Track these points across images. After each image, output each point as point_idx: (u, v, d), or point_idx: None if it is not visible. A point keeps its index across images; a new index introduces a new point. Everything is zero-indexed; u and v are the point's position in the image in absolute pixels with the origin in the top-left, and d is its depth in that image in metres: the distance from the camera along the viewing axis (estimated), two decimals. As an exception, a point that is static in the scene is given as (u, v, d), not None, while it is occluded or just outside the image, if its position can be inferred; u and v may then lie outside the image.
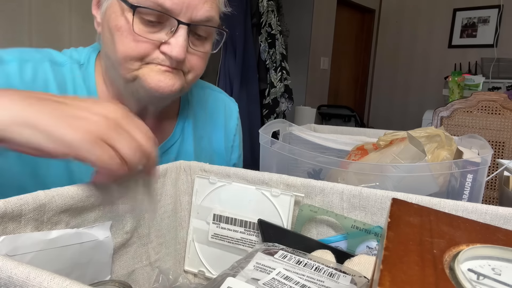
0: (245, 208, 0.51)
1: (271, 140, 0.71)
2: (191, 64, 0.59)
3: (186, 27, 0.55)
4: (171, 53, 0.55)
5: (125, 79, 0.58)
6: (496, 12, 3.74)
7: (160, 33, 0.56)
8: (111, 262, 0.44)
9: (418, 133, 0.71)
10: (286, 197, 0.48)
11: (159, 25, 0.56)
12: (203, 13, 0.56)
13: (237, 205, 0.51)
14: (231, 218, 0.51)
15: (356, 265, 0.41)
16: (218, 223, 0.52)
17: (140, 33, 0.54)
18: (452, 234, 0.25)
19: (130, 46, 0.55)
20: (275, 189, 0.49)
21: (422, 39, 4.21)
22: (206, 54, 0.62)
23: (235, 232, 0.51)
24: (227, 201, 0.52)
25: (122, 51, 0.55)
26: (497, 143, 1.63)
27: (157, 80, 0.56)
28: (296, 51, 3.53)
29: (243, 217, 0.51)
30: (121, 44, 0.55)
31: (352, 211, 0.46)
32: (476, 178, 0.59)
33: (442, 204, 0.41)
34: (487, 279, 0.21)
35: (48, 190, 0.37)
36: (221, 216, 0.52)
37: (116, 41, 0.55)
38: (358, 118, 3.77)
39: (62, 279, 0.25)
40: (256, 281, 0.35)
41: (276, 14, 2.47)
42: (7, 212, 0.33)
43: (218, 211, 0.52)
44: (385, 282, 0.19)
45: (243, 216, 0.51)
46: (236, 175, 0.52)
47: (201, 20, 0.57)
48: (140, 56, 0.56)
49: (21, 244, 0.35)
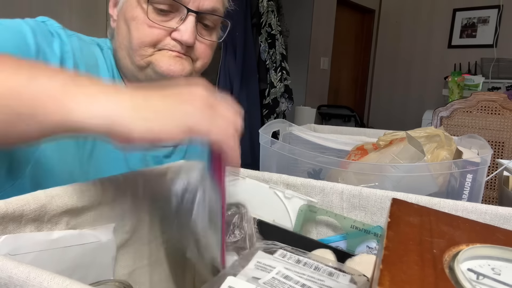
0: (255, 205, 0.49)
1: (271, 140, 0.71)
2: (199, 52, 0.65)
3: (194, 15, 0.61)
4: (181, 38, 0.61)
5: (139, 66, 0.64)
6: (496, 12, 3.74)
7: (171, 21, 0.62)
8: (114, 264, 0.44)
9: (418, 133, 0.71)
10: (299, 201, 0.48)
11: (170, 14, 0.62)
12: (209, 3, 0.63)
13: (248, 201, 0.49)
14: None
15: (357, 264, 0.41)
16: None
17: (154, 20, 0.61)
18: (451, 234, 0.25)
19: (144, 33, 0.61)
20: (288, 190, 0.49)
21: (422, 39, 4.21)
22: (212, 44, 0.68)
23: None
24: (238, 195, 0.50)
25: (137, 37, 0.61)
26: (496, 143, 1.63)
27: (168, 64, 0.62)
28: (296, 51, 3.53)
29: (253, 214, 0.50)
30: (137, 32, 0.61)
31: (352, 211, 0.46)
32: (476, 178, 0.59)
33: (442, 204, 0.41)
34: (486, 278, 0.21)
35: (48, 190, 0.37)
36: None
37: (131, 30, 0.62)
38: (358, 118, 3.78)
39: (62, 279, 0.25)
40: (257, 280, 0.35)
41: (276, 14, 2.47)
42: (8, 212, 0.33)
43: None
44: (385, 282, 0.19)
45: (253, 213, 0.50)
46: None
47: (208, 9, 0.63)
48: (153, 42, 0.62)
49: (22, 244, 0.35)
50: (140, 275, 0.49)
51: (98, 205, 0.42)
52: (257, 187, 0.50)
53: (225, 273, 0.36)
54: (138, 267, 0.49)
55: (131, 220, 0.47)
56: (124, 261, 0.47)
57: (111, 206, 0.44)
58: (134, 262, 0.48)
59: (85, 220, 0.41)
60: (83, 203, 0.40)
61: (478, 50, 3.80)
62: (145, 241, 0.50)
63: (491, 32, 3.78)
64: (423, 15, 4.18)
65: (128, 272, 0.47)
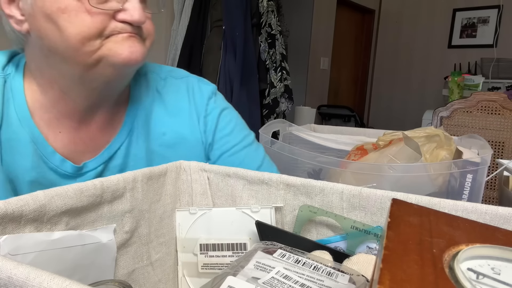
0: (229, 230, 0.51)
1: (271, 140, 0.71)
2: (147, 29, 0.57)
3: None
4: (132, 18, 0.52)
5: (86, 66, 0.53)
6: (496, 12, 3.74)
7: (111, 2, 0.52)
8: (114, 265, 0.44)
9: (417, 133, 0.71)
10: (266, 211, 0.49)
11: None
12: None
13: (221, 230, 0.51)
14: (217, 244, 0.51)
15: (354, 264, 0.41)
16: (206, 252, 0.52)
17: (94, 4, 0.50)
18: (451, 234, 0.25)
19: (85, 24, 0.50)
20: (254, 205, 0.50)
21: (422, 39, 4.21)
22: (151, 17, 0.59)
23: (224, 257, 0.51)
24: (210, 228, 0.52)
25: (75, 33, 0.50)
26: (496, 143, 1.63)
27: (128, 46, 0.53)
28: (296, 51, 3.53)
29: (229, 240, 0.51)
30: (73, 26, 0.50)
31: (352, 211, 0.46)
32: (476, 178, 0.59)
33: (442, 204, 0.41)
34: (486, 278, 0.21)
35: (47, 190, 0.37)
36: (208, 245, 0.52)
37: (64, 26, 0.50)
38: (358, 118, 3.78)
39: (62, 279, 0.25)
40: (256, 280, 0.36)
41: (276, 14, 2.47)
42: (8, 213, 0.33)
43: (203, 240, 0.52)
44: (385, 281, 0.19)
45: (229, 239, 0.51)
46: (236, 175, 0.52)
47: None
48: (98, 32, 0.51)
49: (23, 244, 0.35)
50: (140, 275, 0.49)
51: (98, 205, 0.42)
52: (225, 213, 0.51)
53: (225, 273, 0.36)
54: (138, 267, 0.49)
55: (131, 220, 0.47)
56: (124, 261, 0.47)
57: (111, 206, 0.44)
58: (134, 262, 0.48)
59: (85, 220, 0.41)
60: (82, 203, 0.40)
61: (478, 50, 3.80)
62: (145, 241, 0.50)
63: (491, 32, 3.78)
64: (423, 15, 4.18)
65: (128, 272, 0.47)
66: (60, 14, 0.50)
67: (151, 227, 0.50)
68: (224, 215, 0.51)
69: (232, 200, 0.53)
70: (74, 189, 0.39)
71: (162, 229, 0.52)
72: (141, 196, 0.48)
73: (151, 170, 0.50)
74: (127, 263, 0.47)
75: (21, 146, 0.55)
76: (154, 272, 0.51)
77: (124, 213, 0.46)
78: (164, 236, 0.53)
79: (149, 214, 0.50)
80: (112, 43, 0.52)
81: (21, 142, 0.55)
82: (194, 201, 0.55)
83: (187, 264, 0.54)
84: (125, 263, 0.47)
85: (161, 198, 0.52)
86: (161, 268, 0.52)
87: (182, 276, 0.54)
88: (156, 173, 0.51)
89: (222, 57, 2.35)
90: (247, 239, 0.51)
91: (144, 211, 0.49)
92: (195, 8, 2.31)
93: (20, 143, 0.55)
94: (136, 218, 0.48)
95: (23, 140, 0.55)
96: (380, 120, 4.61)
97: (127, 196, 0.46)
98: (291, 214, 0.50)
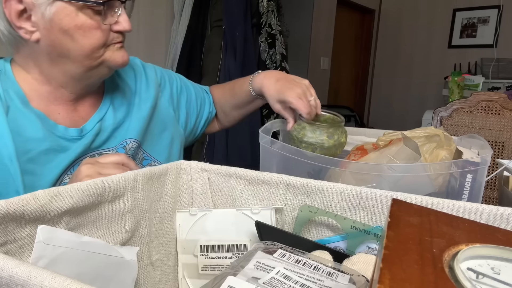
0: (230, 232, 0.51)
1: (271, 140, 0.71)
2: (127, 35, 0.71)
3: (123, 4, 0.67)
4: (125, 28, 0.67)
5: (89, 68, 0.66)
6: (496, 12, 3.74)
7: (109, 17, 0.65)
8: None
9: (417, 133, 0.71)
10: (266, 212, 0.49)
11: (105, 11, 0.64)
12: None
13: (221, 231, 0.52)
14: (218, 246, 0.52)
15: (354, 264, 0.41)
16: (206, 253, 0.52)
17: (106, 23, 0.64)
18: (451, 234, 0.25)
19: (96, 38, 0.64)
20: (254, 206, 0.50)
21: (422, 39, 4.21)
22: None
23: (224, 258, 0.51)
24: (211, 229, 0.52)
25: (89, 43, 0.64)
26: (497, 143, 1.63)
27: (121, 56, 0.68)
28: (296, 51, 3.53)
29: (229, 241, 0.51)
30: (87, 39, 0.63)
31: (352, 211, 0.46)
32: (476, 178, 0.59)
33: (442, 204, 0.41)
34: (486, 278, 0.21)
35: (48, 190, 0.37)
36: (208, 246, 0.52)
37: (79, 39, 0.63)
38: (358, 118, 3.77)
39: (63, 278, 0.25)
40: (256, 280, 0.36)
41: (276, 14, 2.47)
42: (9, 212, 0.34)
43: (204, 242, 0.52)
44: (385, 280, 0.19)
45: (229, 240, 0.51)
46: (236, 174, 0.52)
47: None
48: (104, 42, 0.65)
49: (56, 237, 0.36)
50: (140, 275, 0.49)
51: (98, 205, 0.43)
52: (225, 215, 0.51)
53: (225, 273, 0.37)
54: (138, 267, 0.49)
55: (131, 220, 0.47)
56: (124, 261, 0.47)
57: (111, 206, 0.44)
58: (134, 262, 0.48)
59: (85, 219, 0.41)
60: (83, 203, 0.40)
61: (478, 50, 3.80)
62: (146, 241, 0.50)
63: (491, 32, 3.78)
64: (423, 15, 4.18)
65: (128, 272, 0.47)
66: (77, 30, 0.62)
67: (151, 227, 0.50)
68: (224, 216, 0.51)
69: (232, 200, 0.53)
70: (75, 189, 0.39)
71: (162, 229, 0.53)
72: (141, 195, 0.48)
73: (151, 170, 0.50)
74: (128, 263, 0.47)
75: (30, 122, 0.65)
76: (155, 272, 0.51)
77: (125, 212, 0.46)
78: (164, 236, 0.53)
79: (150, 214, 0.50)
80: (111, 52, 0.67)
81: (28, 119, 0.65)
82: (195, 201, 0.55)
83: (187, 265, 0.54)
84: (126, 262, 0.47)
85: (162, 198, 0.52)
86: (161, 268, 0.52)
87: (183, 278, 0.54)
88: (156, 173, 0.51)
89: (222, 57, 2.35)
90: (247, 241, 0.51)
91: (145, 211, 0.49)
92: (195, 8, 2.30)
93: (28, 120, 0.65)
94: (136, 218, 0.48)
95: (29, 117, 0.65)
96: (380, 120, 4.61)
97: (127, 195, 0.46)
98: (291, 214, 0.50)
